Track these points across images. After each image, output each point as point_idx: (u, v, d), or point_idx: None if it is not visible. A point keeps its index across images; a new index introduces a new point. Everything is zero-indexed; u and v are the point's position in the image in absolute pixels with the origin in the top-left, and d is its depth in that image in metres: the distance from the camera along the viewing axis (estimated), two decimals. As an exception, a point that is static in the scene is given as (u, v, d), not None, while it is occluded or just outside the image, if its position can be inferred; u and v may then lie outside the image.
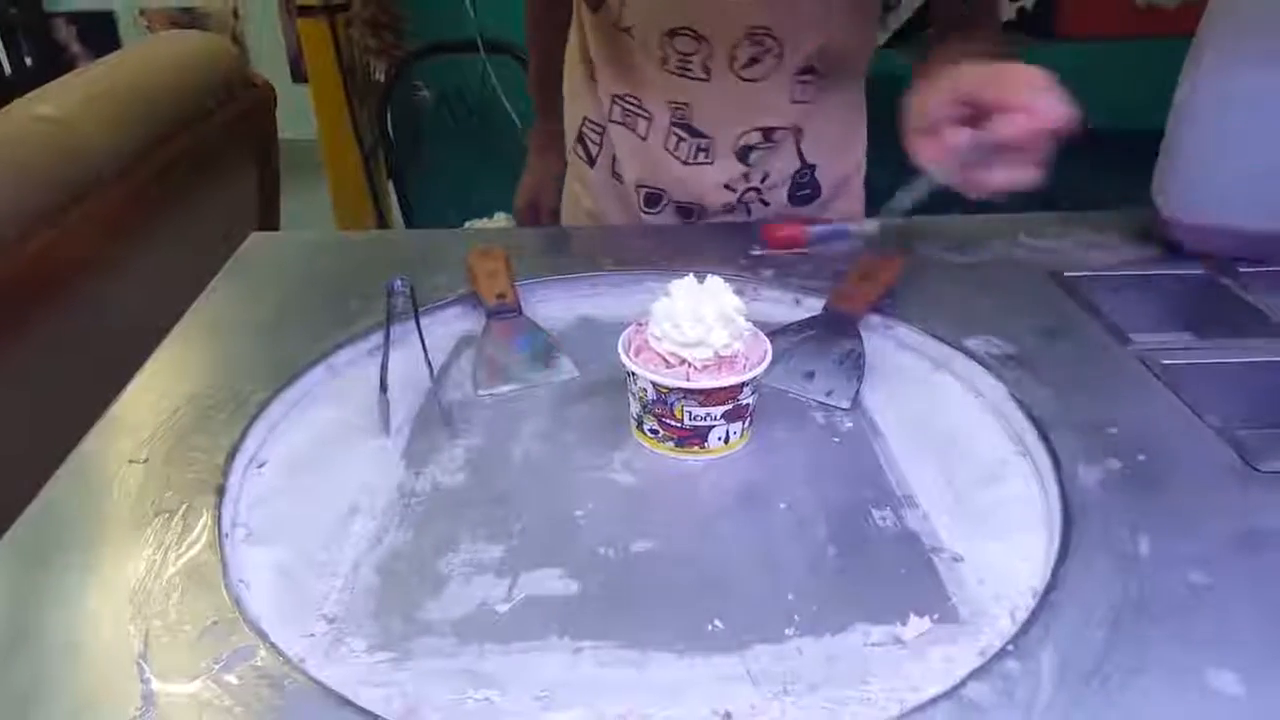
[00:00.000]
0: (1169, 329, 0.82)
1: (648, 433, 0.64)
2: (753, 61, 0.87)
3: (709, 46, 0.87)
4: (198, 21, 3.44)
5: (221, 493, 0.58)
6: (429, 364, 0.73)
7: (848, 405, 0.68)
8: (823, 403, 0.69)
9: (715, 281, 0.63)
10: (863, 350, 0.72)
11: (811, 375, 0.70)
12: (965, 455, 0.63)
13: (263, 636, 0.48)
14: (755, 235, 0.90)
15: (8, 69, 3.30)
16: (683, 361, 0.61)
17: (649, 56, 0.89)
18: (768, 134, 0.92)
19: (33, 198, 1.08)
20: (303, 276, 0.87)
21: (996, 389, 0.68)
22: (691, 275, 0.63)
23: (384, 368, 0.71)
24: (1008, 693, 0.44)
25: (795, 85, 0.90)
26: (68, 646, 0.47)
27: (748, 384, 0.62)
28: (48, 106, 1.20)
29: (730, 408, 0.62)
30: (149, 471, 0.60)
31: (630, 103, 0.94)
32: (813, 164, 0.96)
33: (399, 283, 0.81)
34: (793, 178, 0.96)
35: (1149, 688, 0.44)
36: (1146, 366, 0.69)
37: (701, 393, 0.60)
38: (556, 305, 0.83)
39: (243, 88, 1.61)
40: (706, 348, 0.60)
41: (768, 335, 0.66)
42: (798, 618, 0.50)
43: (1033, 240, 0.90)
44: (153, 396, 0.68)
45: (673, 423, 0.62)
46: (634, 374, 0.62)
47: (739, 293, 0.64)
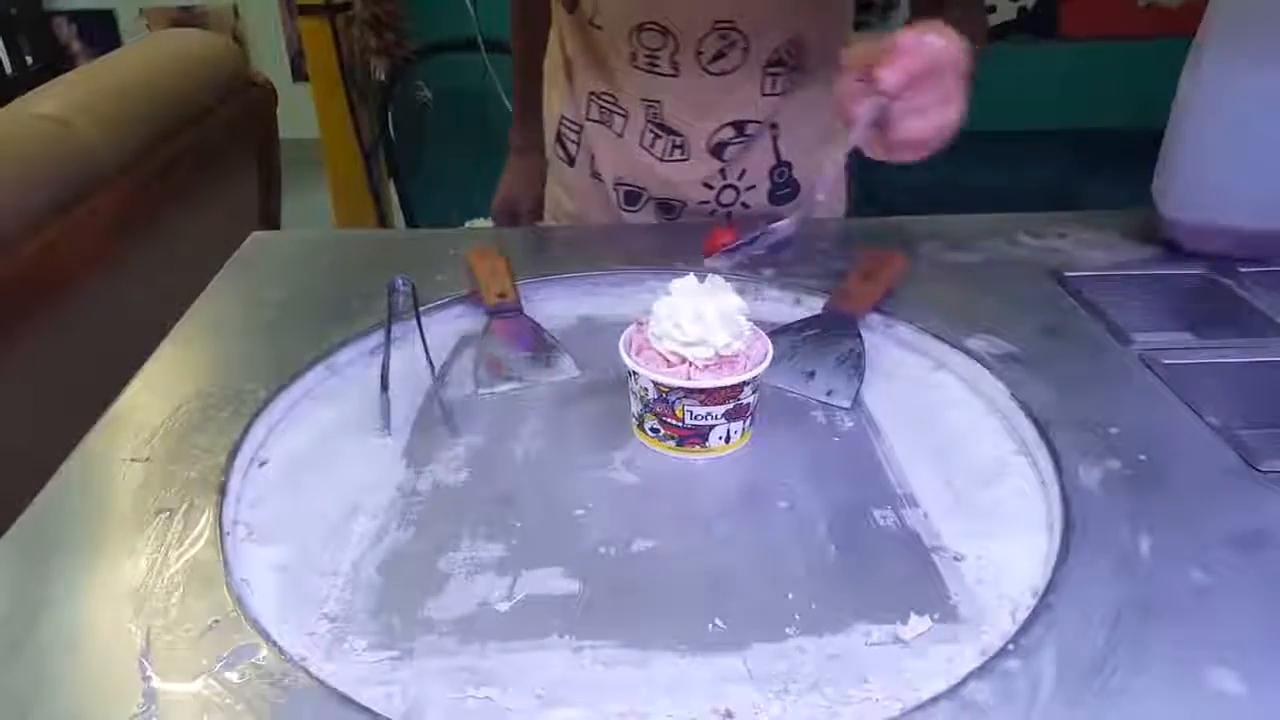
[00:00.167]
0: (1170, 329, 0.82)
1: (649, 432, 0.64)
2: (719, 56, 0.87)
3: (675, 42, 0.87)
4: (198, 20, 3.44)
5: (223, 491, 0.58)
6: (430, 363, 0.73)
7: (848, 405, 0.68)
8: (823, 402, 0.69)
9: (716, 281, 0.63)
10: (863, 350, 0.72)
11: (812, 375, 0.70)
12: (966, 455, 0.63)
13: (264, 635, 0.48)
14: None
15: (8, 67, 3.30)
16: (684, 361, 0.61)
17: (619, 53, 0.90)
18: (740, 128, 0.92)
19: (33, 196, 1.08)
20: (303, 275, 0.87)
21: (997, 388, 0.68)
22: (692, 274, 0.63)
23: (385, 366, 0.71)
24: (1008, 692, 0.44)
25: (765, 78, 0.90)
26: (68, 645, 0.47)
27: (748, 383, 0.62)
28: (49, 105, 1.20)
29: (731, 407, 0.62)
30: (150, 470, 0.60)
31: (606, 101, 0.94)
32: (789, 161, 0.95)
33: (400, 282, 0.80)
34: (770, 176, 0.96)
35: (1149, 687, 0.44)
36: (1147, 366, 0.69)
37: (702, 392, 0.61)
38: (557, 304, 0.83)
39: (243, 86, 1.61)
40: (707, 347, 0.60)
41: (768, 334, 0.66)
42: (798, 617, 0.50)
43: (1034, 240, 0.90)
44: (154, 395, 0.68)
45: (674, 422, 0.62)
46: (635, 373, 0.62)
47: (740, 292, 0.64)
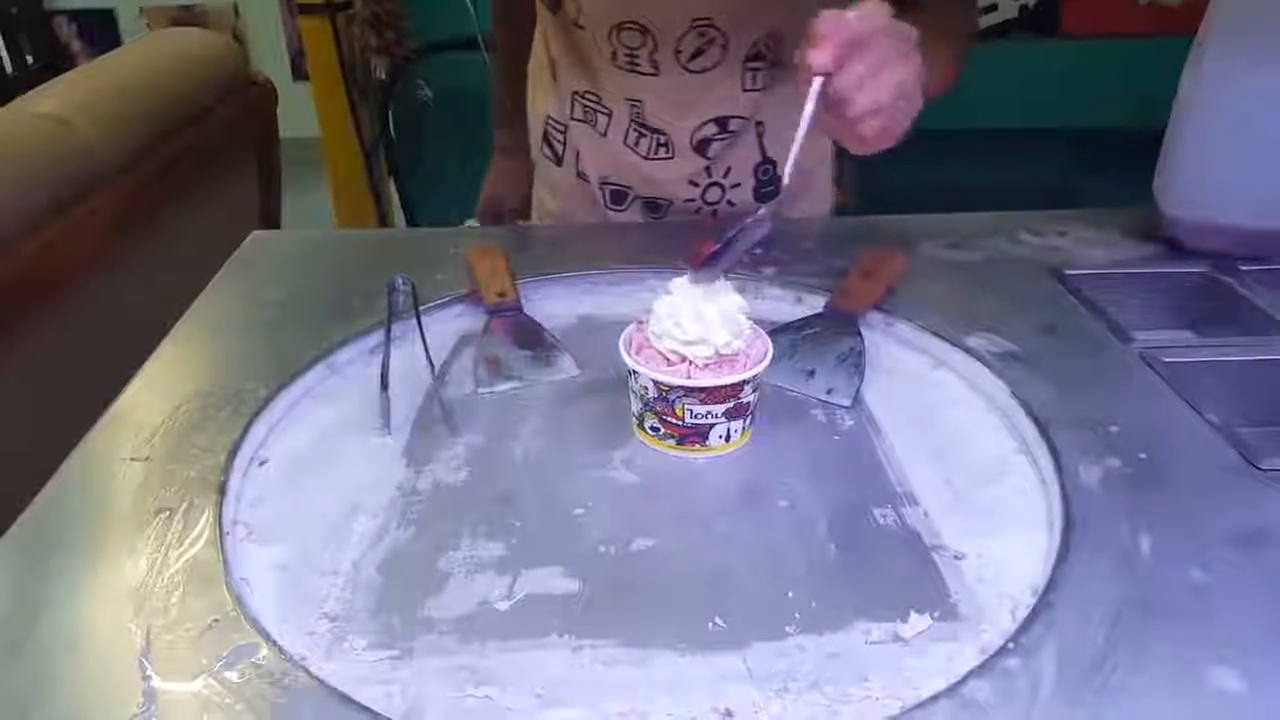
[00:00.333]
0: (1170, 327, 0.82)
1: (649, 430, 0.64)
2: (698, 53, 0.87)
3: (654, 40, 0.87)
4: (198, 19, 3.45)
5: (223, 491, 0.58)
6: (430, 362, 0.73)
7: (848, 403, 0.68)
8: (823, 401, 0.69)
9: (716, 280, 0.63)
10: (863, 348, 0.71)
11: (812, 373, 0.70)
12: (966, 453, 0.63)
13: (264, 634, 0.48)
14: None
15: (8, 67, 3.31)
16: (684, 359, 0.61)
17: (601, 53, 0.90)
18: (723, 124, 0.92)
19: (34, 195, 1.08)
20: (303, 275, 0.87)
21: (998, 387, 0.68)
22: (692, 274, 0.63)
23: (385, 366, 0.71)
24: (1008, 691, 0.44)
25: (746, 74, 0.89)
26: (68, 645, 0.47)
27: (749, 382, 0.62)
28: (49, 104, 1.20)
29: (731, 406, 0.62)
30: (150, 469, 0.60)
31: (590, 100, 0.94)
32: (774, 158, 0.95)
33: (400, 281, 0.80)
34: (755, 174, 0.96)
35: (1149, 686, 0.44)
36: (1148, 364, 0.69)
37: (702, 391, 0.60)
38: (557, 303, 0.83)
39: (243, 86, 1.61)
40: (707, 346, 0.60)
41: (768, 333, 0.66)
42: (798, 615, 0.50)
43: (1034, 238, 0.90)
44: (154, 394, 0.68)
45: (674, 421, 0.62)
46: (635, 372, 0.62)
47: (740, 291, 0.64)
